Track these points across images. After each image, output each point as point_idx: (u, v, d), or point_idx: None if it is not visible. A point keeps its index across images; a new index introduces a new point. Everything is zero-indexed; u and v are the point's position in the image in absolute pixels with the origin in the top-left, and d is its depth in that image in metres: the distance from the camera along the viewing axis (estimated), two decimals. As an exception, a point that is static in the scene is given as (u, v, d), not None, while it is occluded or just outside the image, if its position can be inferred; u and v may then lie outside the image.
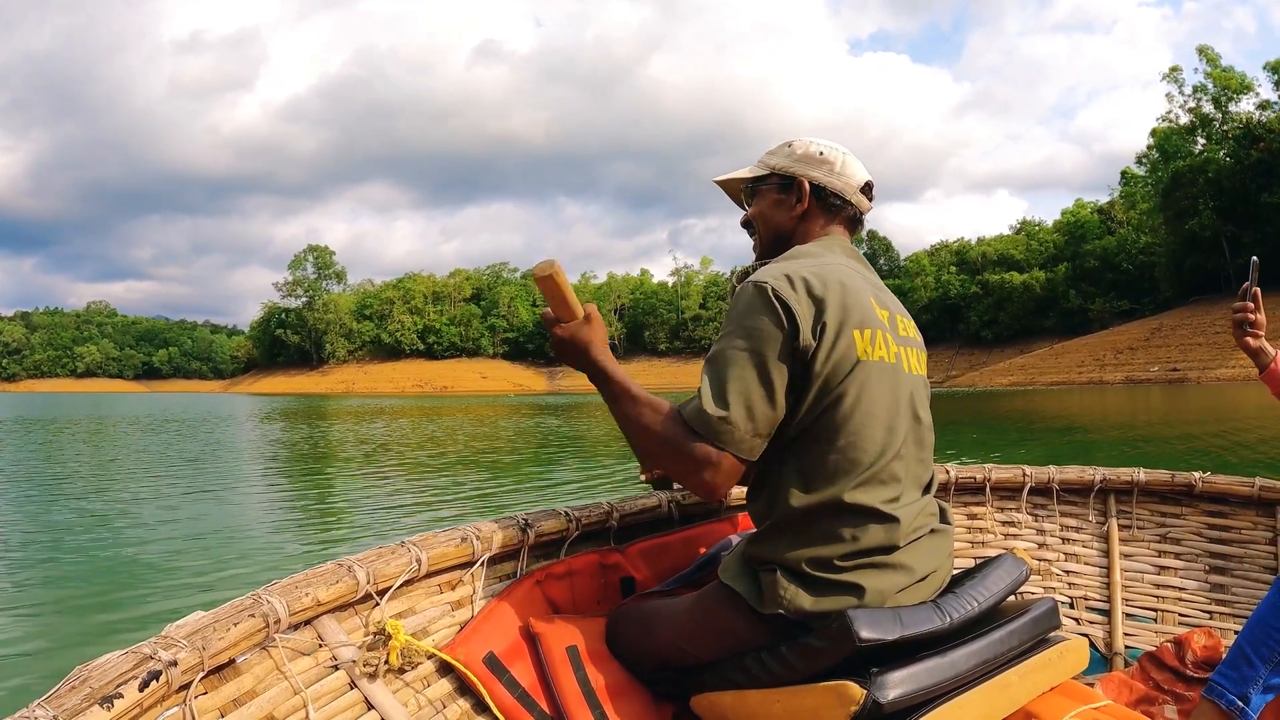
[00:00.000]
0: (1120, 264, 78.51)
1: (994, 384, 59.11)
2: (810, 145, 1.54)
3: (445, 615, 1.53)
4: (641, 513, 1.82)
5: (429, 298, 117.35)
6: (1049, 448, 12.15)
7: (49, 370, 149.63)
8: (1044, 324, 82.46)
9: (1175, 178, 62.88)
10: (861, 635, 1.21)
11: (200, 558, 5.28)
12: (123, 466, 11.38)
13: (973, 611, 1.34)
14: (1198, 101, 64.38)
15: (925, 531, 1.38)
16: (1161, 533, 2.37)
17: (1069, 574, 2.34)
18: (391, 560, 1.42)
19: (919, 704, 1.20)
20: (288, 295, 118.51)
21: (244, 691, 1.21)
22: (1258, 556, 2.27)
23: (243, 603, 1.23)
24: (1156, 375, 48.56)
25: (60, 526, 6.49)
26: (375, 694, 1.35)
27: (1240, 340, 1.93)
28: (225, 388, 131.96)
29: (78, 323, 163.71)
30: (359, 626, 1.40)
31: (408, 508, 7.44)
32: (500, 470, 10.39)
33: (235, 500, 8.10)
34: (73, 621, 3.98)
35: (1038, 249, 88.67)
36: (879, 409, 1.34)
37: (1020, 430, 16.16)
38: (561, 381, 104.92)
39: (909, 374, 1.42)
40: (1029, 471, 2.36)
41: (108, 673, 1.01)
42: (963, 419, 19.46)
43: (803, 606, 1.29)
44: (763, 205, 1.58)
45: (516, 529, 1.61)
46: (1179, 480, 2.34)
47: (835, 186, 1.52)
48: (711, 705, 1.45)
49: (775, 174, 1.56)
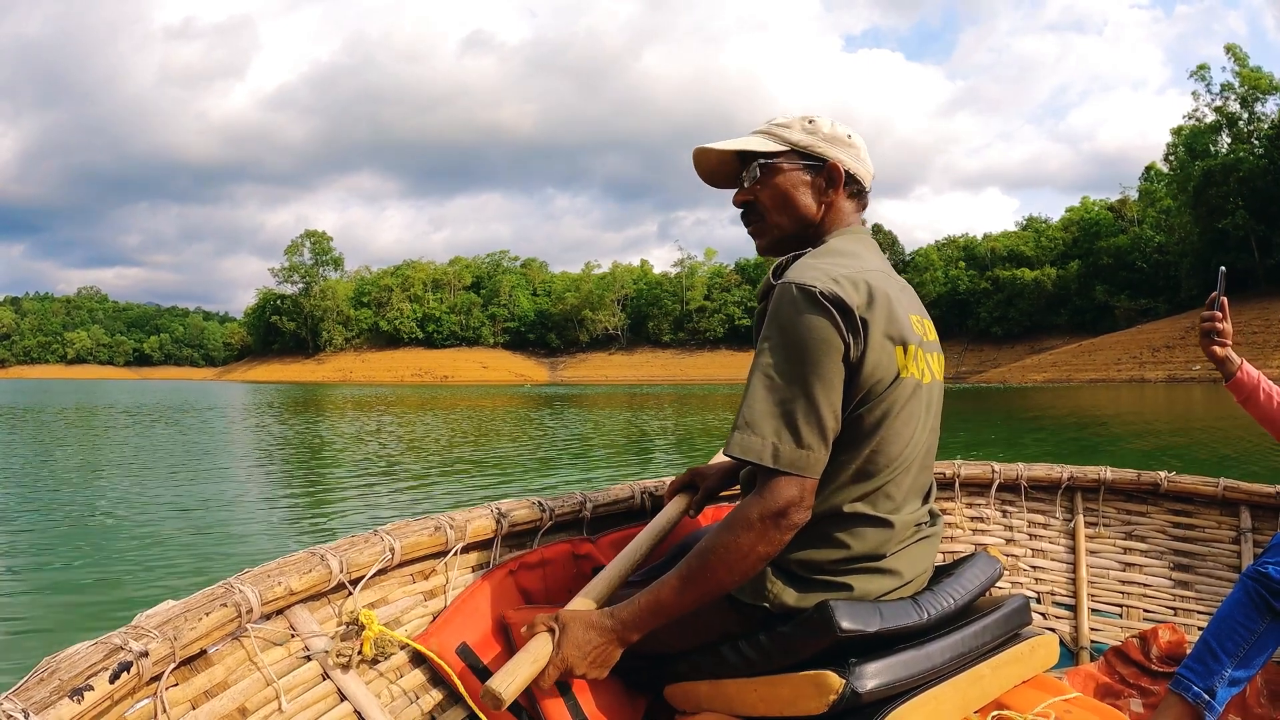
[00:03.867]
0: (1134, 262, 77.70)
1: (1027, 380, 58.14)
2: (836, 125, 1.43)
3: (418, 605, 1.52)
4: (614, 503, 1.83)
5: (428, 285, 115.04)
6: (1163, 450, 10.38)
7: (38, 356, 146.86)
8: (1055, 321, 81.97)
9: (1207, 175, 61.96)
10: (843, 626, 1.22)
11: (176, 546, 5.17)
12: (103, 455, 10.96)
13: (949, 608, 1.35)
14: (1224, 100, 63.64)
15: (917, 538, 1.37)
16: (1127, 530, 2.39)
17: (1036, 569, 2.36)
18: (364, 549, 1.41)
19: (896, 695, 1.21)
20: (284, 281, 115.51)
21: (215, 683, 1.19)
22: (1221, 555, 2.30)
23: (214, 592, 1.20)
24: (1200, 374, 47.92)
25: (30, 513, 6.34)
26: (348, 685, 1.34)
27: (1207, 349, 1.96)
28: (218, 375, 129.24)
29: (68, 308, 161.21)
30: (332, 616, 1.39)
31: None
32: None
33: (214, 490, 7.62)
34: (42, 609, 3.80)
35: (1047, 245, 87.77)
36: (905, 427, 1.31)
37: (1099, 432, 14.44)
38: (563, 372, 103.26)
39: (933, 383, 1.38)
40: (998, 468, 2.39)
41: (77, 664, 0.98)
42: (1033, 416, 17.72)
43: (786, 602, 1.29)
44: (782, 186, 1.41)
45: (490, 518, 1.60)
46: (1145, 479, 2.37)
47: (860, 174, 1.43)
48: (686, 695, 1.44)
49: (797, 151, 1.41)
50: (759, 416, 1.23)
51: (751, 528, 1.22)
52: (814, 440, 1.22)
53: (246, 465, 10.08)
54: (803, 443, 1.22)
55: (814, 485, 1.24)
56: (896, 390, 1.28)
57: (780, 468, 1.22)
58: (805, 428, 1.22)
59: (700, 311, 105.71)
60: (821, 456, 1.24)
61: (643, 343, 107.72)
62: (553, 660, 1.29)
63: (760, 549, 1.23)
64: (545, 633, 1.32)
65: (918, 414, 1.33)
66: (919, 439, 1.34)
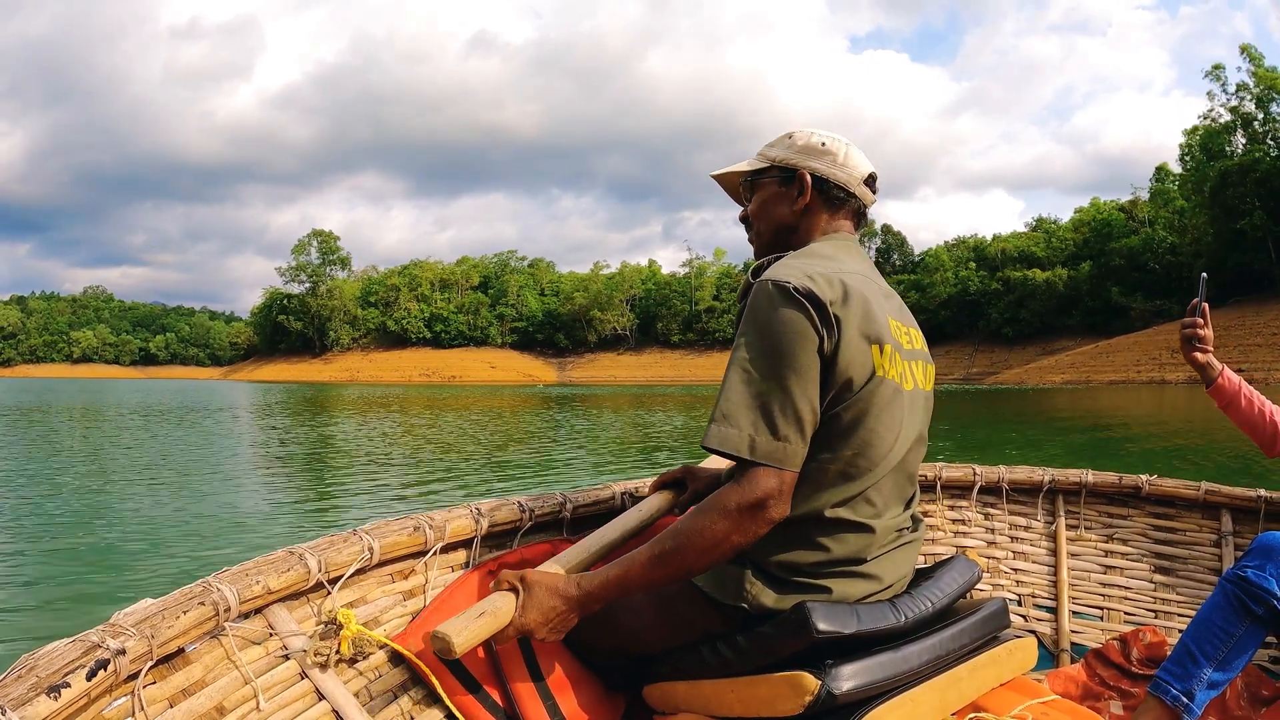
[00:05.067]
0: (1147, 262, 77.19)
1: (1046, 381, 57.65)
2: (811, 136, 1.49)
3: (397, 605, 1.52)
4: (594, 504, 1.83)
5: (435, 285, 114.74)
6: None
7: (44, 355, 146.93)
8: (1067, 322, 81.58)
9: (1224, 176, 61.48)
10: (819, 627, 1.22)
11: (161, 545, 5.13)
12: (101, 455, 10.84)
13: (927, 611, 1.36)
14: (1240, 100, 63.25)
15: (898, 543, 1.38)
16: (1108, 533, 2.38)
17: (1017, 572, 2.35)
18: (343, 548, 1.41)
19: (872, 696, 1.22)
20: (290, 280, 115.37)
21: (193, 681, 1.19)
22: (1202, 558, 2.29)
23: (192, 590, 1.20)
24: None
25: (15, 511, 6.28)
26: (326, 684, 1.34)
27: (1189, 355, 1.94)
28: (224, 374, 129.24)
29: (74, 307, 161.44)
30: (310, 615, 1.38)
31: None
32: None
33: (221, 498, 7.30)
34: (20, 608, 3.77)
35: (1058, 246, 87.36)
36: (887, 431, 1.31)
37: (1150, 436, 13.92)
38: (572, 372, 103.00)
39: (915, 391, 1.39)
40: (979, 471, 2.38)
41: (54, 661, 0.98)
42: (1064, 421, 17.19)
43: (765, 604, 1.30)
44: (763, 199, 1.51)
45: (469, 518, 1.60)
46: (1126, 482, 2.35)
47: (838, 178, 1.47)
48: (665, 695, 1.45)
49: (775, 166, 1.50)
50: (736, 409, 1.24)
51: (728, 516, 1.23)
52: (791, 433, 1.23)
53: (259, 468, 9.80)
54: (779, 434, 1.23)
55: (793, 479, 1.25)
56: (874, 391, 1.28)
57: (758, 459, 1.23)
58: (782, 420, 1.23)
59: (709, 312, 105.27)
60: (799, 449, 1.24)
61: (651, 343, 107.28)
62: (514, 621, 1.33)
63: (734, 538, 1.24)
64: (509, 591, 1.36)
65: (899, 419, 1.32)
66: (901, 446, 1.34)
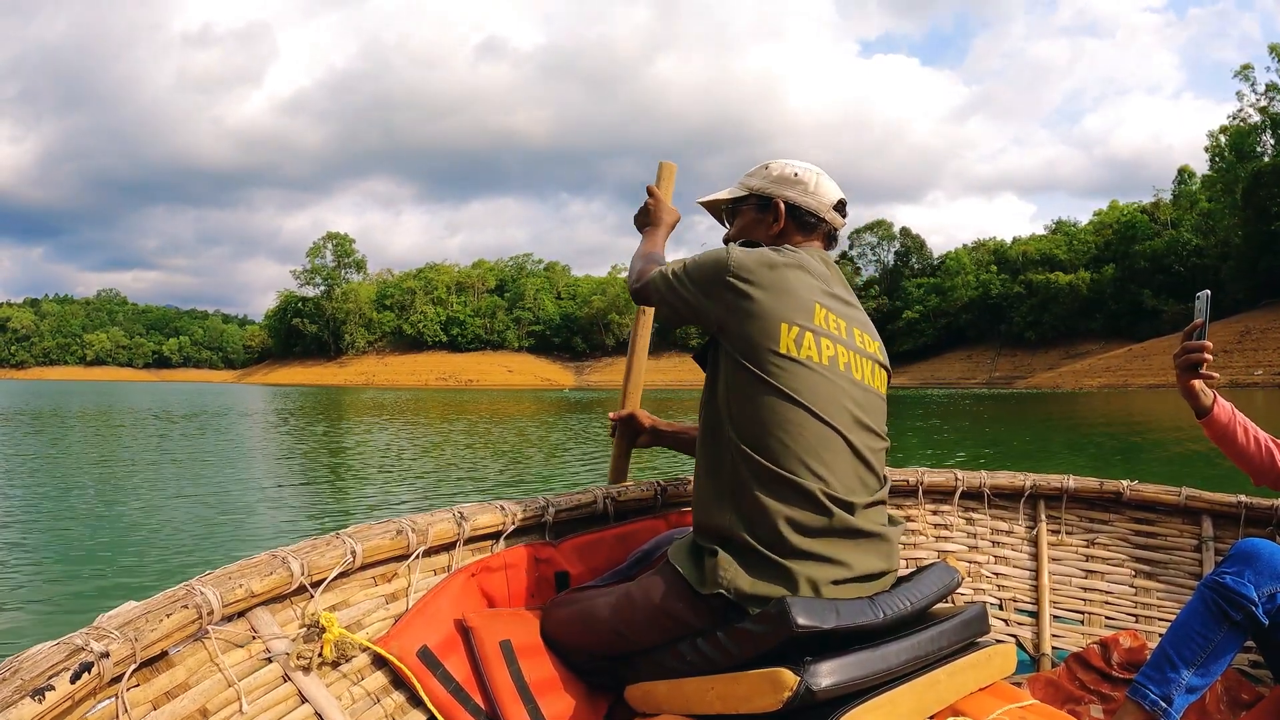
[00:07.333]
0: (1171, 265, 75.84)
1: (1081, 385, 56.38)
2: (785, 167, 1.66)
3: (380, 608, 1.52)
4: (577, 509, 1.83)
5: (451, 288, 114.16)
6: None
7: (58, 358, 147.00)
8: (1090, 325, 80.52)
9: (1256, 177, 60.35)
10: (799, 622, 1.25)
11: (162, 545, 5.14)
12: (108, 459, 10.73)
13: (905, 610, 1.38)
14: (1270, 100, 62.38)
15: (866, 533, 1.43)
16: (1089, 538, 2.38)
17: (998, 576, 2.35)
18: (326, 552, 1.41)
19: (850, 694, 1.23)
20: (305, 284, 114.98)
21: (177, 684, 1.20)
22: (1182, 563, 2.31)
23: (175, 593, 1.20)
24: (1262, 379, 46.68)
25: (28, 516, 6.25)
26: (309, 687, 1.34)
27: (1186, 382, 1.78)
28: (238, 377, 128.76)
29: (87, 310, 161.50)
30: (293, 618, 1.39)
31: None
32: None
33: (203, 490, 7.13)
34: (2, 608, 3.81)
35: (1079, 249, 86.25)
36: (802, 397, 1.41)
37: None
38: (590, 376, 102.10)
39: (849, 378, 1.48)
40: (960, 475, 2.37)
41: (39, 664, 0.99)
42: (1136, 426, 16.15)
43: (741, 587, 1.35)
44: (743, 224, 1.69)
45: (452, 522, 1.61)
46: (1107, 488, 2.36)
47: (810, 205, 1.63)
48: (646, 695, 1.47)
49: (753, 195, 1.67)
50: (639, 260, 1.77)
51: (640, 268, 1.72)
52: (665, 285, 1.57)
53: (271, 473, 9.30)
54: (660, 284, 1.58)
55: (658, 300, 1.60)
56: (785, 364, 1.41)
57: (650, 277, 1.62)
58: (664, 279, 1.57)
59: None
60: (665, 294, 1.57)
61: (670, 348, 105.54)
62: (659, 202, 1.94)
63: (638, 267, 1.73)
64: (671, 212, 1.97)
65: (820, 394, 1.42)
66: (835, 420, 1.43)
